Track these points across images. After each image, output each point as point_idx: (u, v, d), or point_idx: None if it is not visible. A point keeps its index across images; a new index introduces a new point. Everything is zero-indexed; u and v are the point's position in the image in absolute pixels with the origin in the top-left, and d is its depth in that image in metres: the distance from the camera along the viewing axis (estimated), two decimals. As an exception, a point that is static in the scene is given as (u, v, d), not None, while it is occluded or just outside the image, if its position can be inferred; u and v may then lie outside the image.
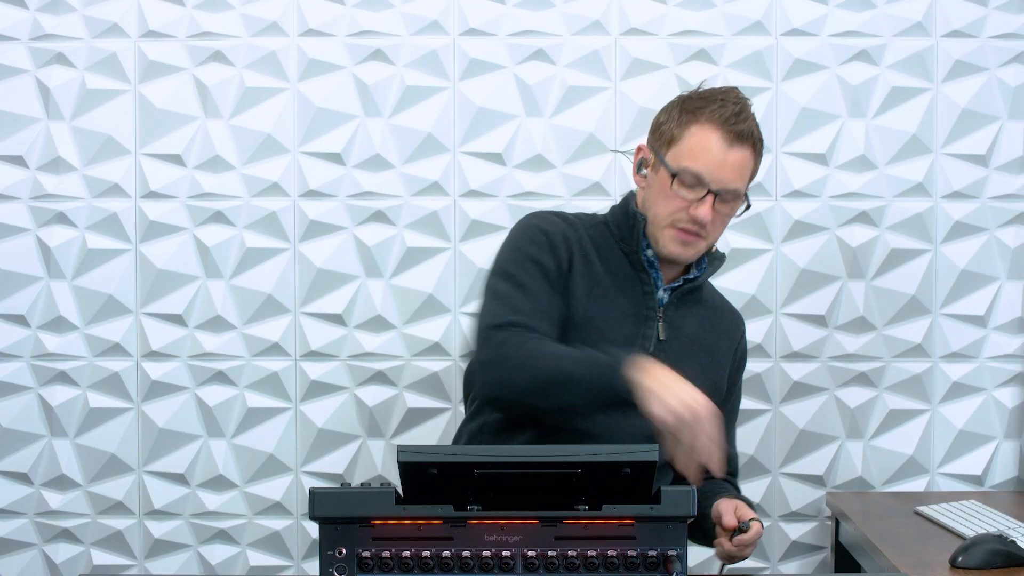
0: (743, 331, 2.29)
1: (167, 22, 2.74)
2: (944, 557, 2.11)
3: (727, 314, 2.26)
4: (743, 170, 2.07)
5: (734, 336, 2.25)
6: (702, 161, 2.04)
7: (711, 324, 2.20)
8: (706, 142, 2.04)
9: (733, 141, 2.05)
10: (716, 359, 2.20)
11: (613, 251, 2.15)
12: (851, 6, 2.74)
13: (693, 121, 2.06)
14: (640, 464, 1.60)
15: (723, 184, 2.04)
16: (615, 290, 2.12)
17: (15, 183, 2.75)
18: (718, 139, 2.04)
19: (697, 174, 2.04)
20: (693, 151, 2.05)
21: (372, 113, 2.74)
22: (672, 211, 2.06)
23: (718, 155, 2.04)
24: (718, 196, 2.04)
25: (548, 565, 1.62)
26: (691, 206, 2.05)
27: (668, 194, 2.06)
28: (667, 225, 2.07)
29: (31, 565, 2.80)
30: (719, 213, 2.07)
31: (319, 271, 2.75)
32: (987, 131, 2.75)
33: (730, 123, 2.05)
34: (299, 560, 2.81)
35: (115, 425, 2.77)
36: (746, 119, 2.06)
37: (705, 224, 2.05)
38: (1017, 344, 2.78)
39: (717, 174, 2.04)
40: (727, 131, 2.04)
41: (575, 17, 2.74)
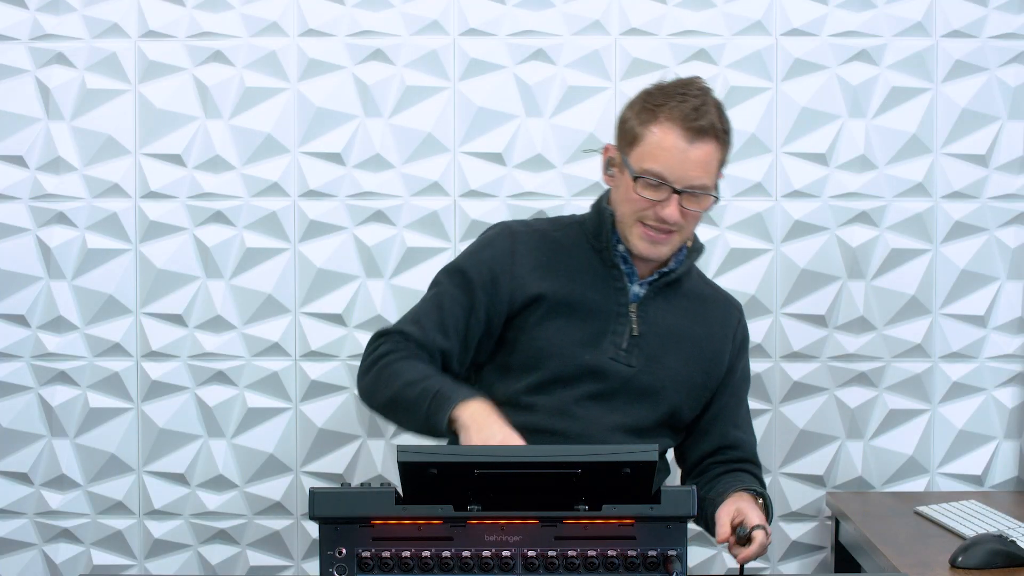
0: (738, 317, 2.25)
1: (167, 22, 2.74)
2: (944, 557, 2.11)
3: (718, 303, 2.24)
4: (707, 165, 2.04)
5: (728, 324, 2.22)
6: (663, 161, 2.02)
7: (697, 315, 2.18)
8: (666, 141, 2.02)
9: (694, 137, 2.02)
10: (705, 349, 2.17)
11: (584, 250, 2.15)
12: (851, 6, 2.74)
13: (653, 120, 2.04)
14: (640, 464, 1.60)
15: (687, 182, 2.02)
16: (584, 287, 2.11)
17: (15, 183, 2.75)
18: (678, 137, 2.02)
19: (659, 174, 2.02)
20: (654, 152, 2.03)
21: (372, 113, 2.74)
22: (637, 210, 2.06)
23: (679, 154, 2.02)
24: (684, 194, 2.03)
25: (548, 565, 1.62)
26: (657, 206, 2.03)
27: (634, 197, 2.05)
28: (634, 223, 2.07)
29: (31, 565, 2.80)
30: (688, 210, 2.05)
31: (319, 271, 2.75)
32: (987, 131, 2.75)
33: (690, 119, 2.02)
34: (299, 560, 2.81)
35: (115, 425, 2.77)
36: (706, 113, 2.03)
37: (675, 223, 2.04)
38: (1017, 344, 2.78)
39: (680, 173, 2.02)
40: (687, 128, 2.02)
41: (575, 17, 2.74)
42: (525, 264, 2.12)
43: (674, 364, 2.13)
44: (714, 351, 2.19)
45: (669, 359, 2.13)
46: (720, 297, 2.27)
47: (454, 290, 2.12)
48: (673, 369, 2.13)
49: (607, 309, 2.11)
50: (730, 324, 2.23)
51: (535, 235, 2.16)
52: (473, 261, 2.14)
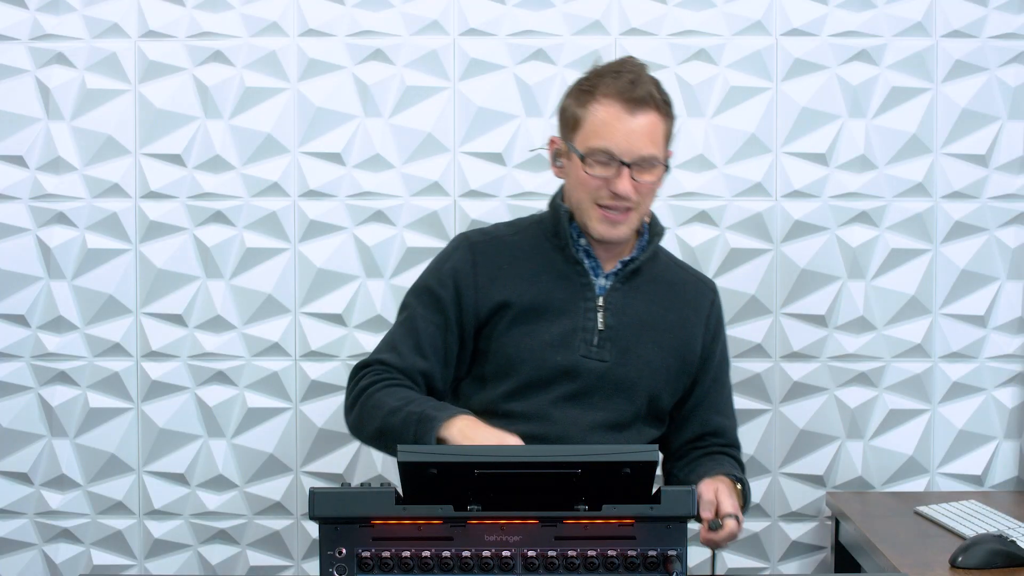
0: (712, 299, 2.25)
1: (167, 22, 2.74)
2: (944, 557, 2.11)
3: (689, 286, 2.23)
4: (652, 135, 2.05)
5: (701, 306, 2.22)
6: (607, 136, 2.04)
7: (668, 300, 2.18)
8: (607, 116, 2.04)
9: (634, 108, 2.04)
10: (678, 334, 2.17)
11: (545, 250, 2.16)
12: (851, 6, 2.74)
13: (591, 99, 2.06)
14: (640, 464, 1.60)
15: (635, 153, 2.03)
16: (549, 288, 2.11)
17: (15, 183, 2.75)
18: (618, 110, 2.04)
19: (605, 150, 2.03)
20: (597, 129, 2.05)
21: (372, 113, 2.74)
22: (591, 192, 2.06)
23: (622, 126, 2.03)
24: (633, 167, 2.04)
25: (548, 565, 1.62)
26: (609, 183, 2.04)
27: (584, 177, 2.06)
28: (591, 206, 2.07)
29: (31, 565, 2.80)
30: (641, 183, 2.05)
31: (319, 271, 2.75)
32: (987, 131, 2.75)
33: (626, 92, 2.04)
34: (299, 560, 2.81)
35: (115, 425, 2.77)
36: (643, 83, 2.05)
37: (629, 197, 2.05)
38: (1017, 344, 2.78)
39: (625, 145, 2.03)
40: (625, 100, 2.04)
41: (575, 17, 2.74)
42: (487, 273, 2.12)
43: (648, 353, 2.13)
44: (687, 336, 2.18)
45: (642, 349, 2.13)
46: (691, 279, 2.25)
47: (424, 310, 2.13)
48: (647, 358, 2.13)
49: (574, 306, 2.11)
50: (703, 307, 2.22)
51: (494, 242, 2.17)
52: (437, 278, 2.15)
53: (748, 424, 2.76)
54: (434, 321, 2.12)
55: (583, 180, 2.06)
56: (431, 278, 2.16)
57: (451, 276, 2.14)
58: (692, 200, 2.74)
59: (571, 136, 2.08)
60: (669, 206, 2.74)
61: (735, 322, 2.75)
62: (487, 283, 2.12)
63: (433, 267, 2.18)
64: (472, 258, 2.14)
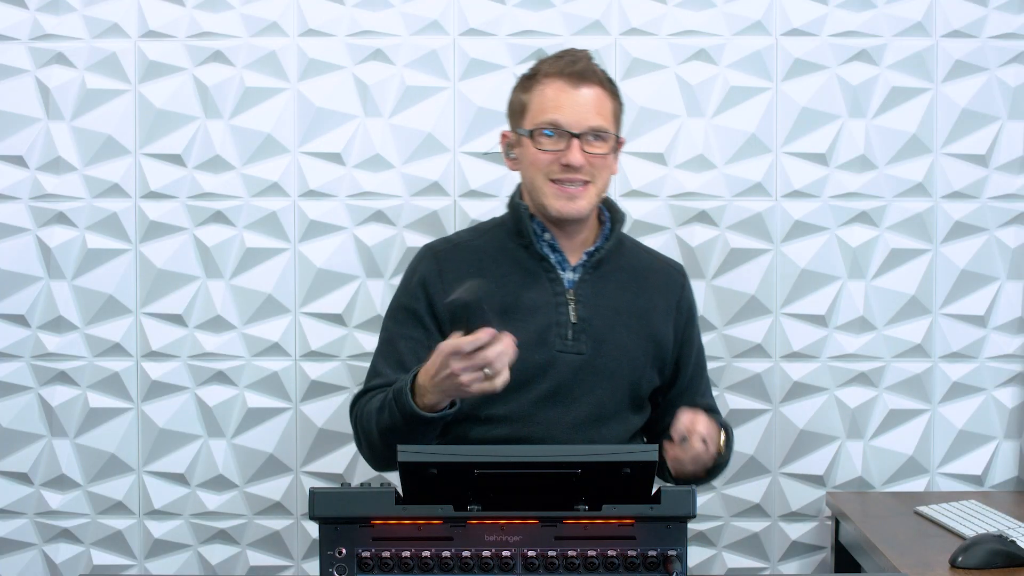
0: (682, 283, 2.27)
1: (167, 22, 2.74)
2: (944, 557, 2.11)
3: (659, 272, 2.25)
4: (599, 107, 2.09)
5: (671, 291, 2.24)
6: (552, 110, 2.07)
7: (637, 287, 2.19)
8: (551, 92, 2.08)
9: (577, 82, 2.08)
10: (651, 320, 2.18)
11: (509, 250, 2.17)
12: (851, 6, 2.74)
13: (534, 83, 2.11)
14: (640, 464, 1.60)
15: (583, 123, 2.06)
16: (517, 287, 2.12)
17: (15, 183, 2.75)
18: (561, 85, 2.08)
19: (552, 122, 2.07)
20: (542, 105, 2.09)
21: (372, 113, 2.74)
22: (543, 168, 2.08)
23: (566, 98, 2.07)
24: (582, 137, 2.06)
25: (548, 565, 1.62)
26: (560, 156, 2.06)
27: (535, 154, 2.09)
28: (544, 183, 2.09)
29: (31, 565, 2.80)
30: (593, 155, 2.08)
31: (319, 271, 2.75)
32: (987, 131, 2.75)
33: (568, 68, 2.09)
34: (299, 560, 2.81)
35: (115, 425, 2.77)
36: (583, 60, 2.10)
37: (582, 167, 2.06)
38: (1017, 344, 2.78)
39: (571, 116, 2.06)
40: (567, 75, 2.08)
41: (575, 17, 2.74)
42: (454, 278, 2.12)
43: (623, 340, 2.14)
44: (660, 320, 2.20)
45: (617, 336, 2.14)
46: (660, 265, 2.27)
47: (401, 328, 2.15)
48: (623, 345, 2.14)
49: (545, 302, 2.12)
50: (673, 292, 2.24)
51: (457, 249, 2.19)
52: (408, 293, 2.18)
53: (748, 424, 2.76)
54: (413, 336, 2.14)
55: (534, 158, 2.09)
56: (402, 295, 2.19)
57: (420, 286, 2.16)
58: (692, 200, 2.74)
59: (520, 122, 2.12)
60: (669, 206, 2.74)
61: (735, 322, 2.75)
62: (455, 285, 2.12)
63: (402, 284, 2.21)
64: (438, 266, 2.17)
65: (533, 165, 2.10)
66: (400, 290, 2.21)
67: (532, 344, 2.09)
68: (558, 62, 2.10)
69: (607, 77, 2.14)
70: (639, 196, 2.74)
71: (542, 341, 2.10)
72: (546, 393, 2.10)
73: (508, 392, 2.07)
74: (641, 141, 2.74)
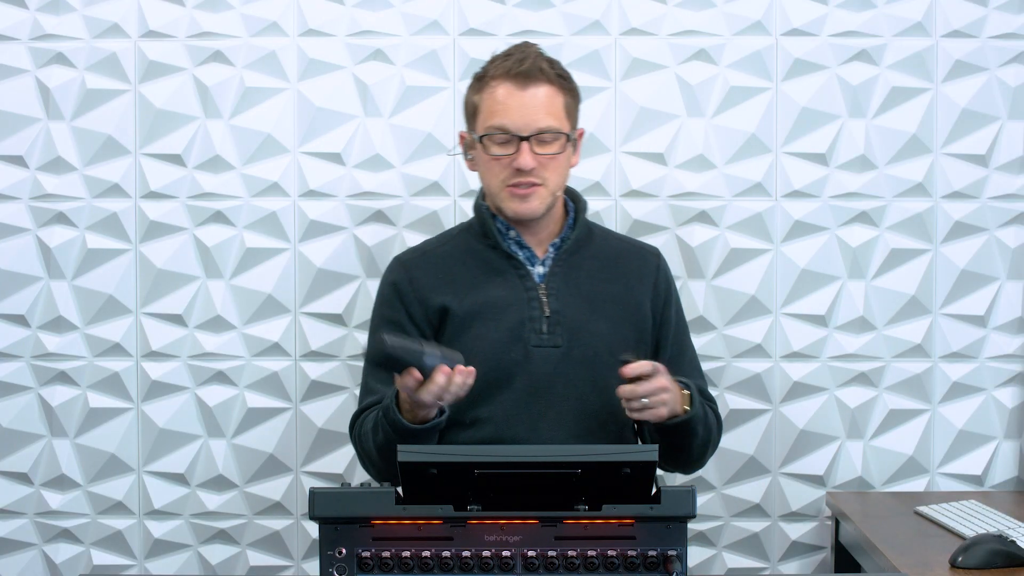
0: (657, 264, 2.26)
1: (167, 22, 2.73)
2: (944, 557, 2.11)
3: (631, 256, 2.24)
4: (549, 106, 2.08)
5: (646, 274, 2.23)
6: (501, 113, 2.07)
7: (610, 273, 2.19)
8: (499, 95, 2.08)
9: (524, 83, 2.07)
10: (627, 304, 2.18)
11: (477, 252, 2.18)
12: (851, 6, 2.74)
13: (483, 85, 2.11)
14: (640, 464, 1.60)
15: (531, 125, 2.06)
16: (487, 288, 2.13)
17: (15, 183, 2.75)
18: (508, 88, 2.08)
19: (500, 126, 2.07)
20: (491, 109, 2.09)
21: (372, 113, 2.74)
22: (499, 174, 2.09)
23: (514, 101, 2.07)
24: (532, 140, 2.06)
25: (548, 565, 1.62)
26: (512, 160, 2.06)
27: (490, 161, 2.09)
28: (500, 188, 2.10)
29: (31, 565, 2.80)
30: (544, 156, 2.07)
31: (319, 271, 2.75)
32: (987, 131, 2.75)
33: (514, 69, 2.08)
34: (299, 560, 2.81)
35: (115, 425, 2.77)
36: (530, 59, 2.09)
37: (532, 170, 2.06)
38: (1017, 344, 2.78)
39: (519, 119, 2.06)
40: (514, 77, 2.07)
41: (575, 17, 2.74)
42: (424, 284, 2.16)
43: (600, 328, 2.14)
44: (636, 304, 2.19)
45: (594, 325, 2.14)
46: (632, 249, 2.26)
47: None
48: (601, 333, 2.14)
49: (517, 299, 2.13)
50: (648, 274, 2.23)
51: (424, 257, 2.21)
52: (385, 305, 2.19)
53: (748, 424, 2.76)
54: None
55: (488, 163, 2.10)
56: (379, 309, 2.21)
57: (395, 296, 2.18)
58: (692, 200, 2.74)
59: (473, 125, 2.13)
60: (669, 206, 2.74)
61: (735, 322, 2.75)
62: (427, 293, 2.16)
63: (377, 300, 2.23)
64: (407, 274, 2.19)
65: (488, 170, 2.11)
66: (376, 305, 2.23)
67: (507, 342, 2.10)
68: (506, 62, 2.10)
69: (557, 72, 2.12)
70: (639, 196, 2.74)
71: (517, 338, 2.11)
72: (527, 389, 2.10)
73: (489, 392, 2.09)
74: (641, 141, 2.74)
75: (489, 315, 2.11)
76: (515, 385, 2.09)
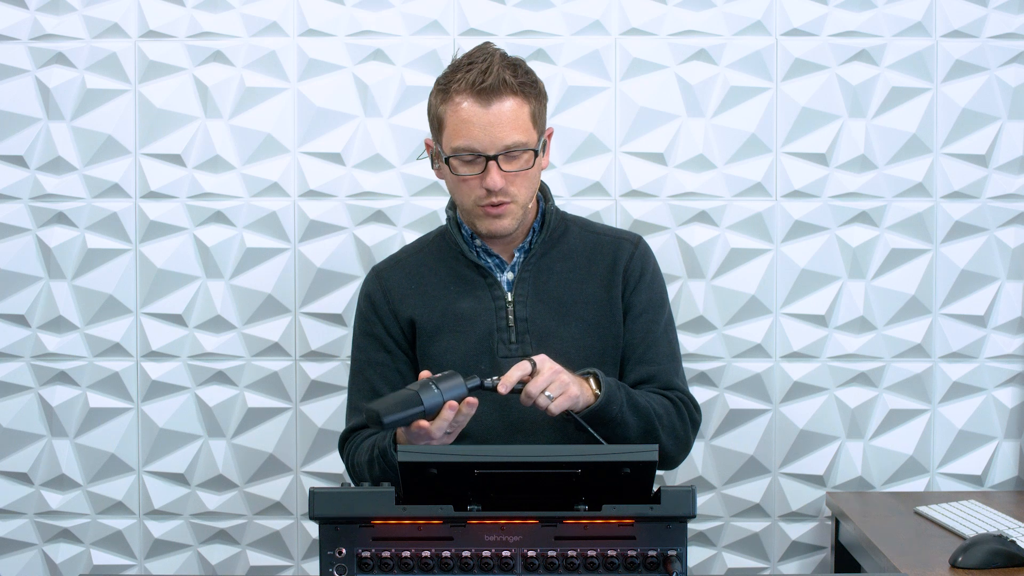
0: (632, 251, 2.16)
1: (167, 22, 2.74)
2: (944, 557, 2.11)
3: (606, 248, 2.17)
4: (515, 121, 2.02)
5: (616, 263, 2.15)
6: (466, 134, 2.02)
7: (585, 271, 2.14)
8: (463, 114, 2.02)
9: (488, 100, 2.01)
10: (601, 303, 2.12)
11: (448, 259, 2.16)
12: (851, 6, 2.74)
13: (447, 98, 2.04)
14: (640, 464, 1.60)
15: (497, 144, 2.01)
16: (455, 298, 2.10)
17: (15, 183, 2.75)
18: (470, 105, 2.01)
19: (468, 147, 2.02)
20: (456, 128, 2.03)
21: (372, 113, 2.74)
22: (470, 193, 2.05)
23: (478, 120, 2.01)
24: (500, 158, 2.01)
25: (548, 565, 1.62)
26: (481, 180, 2.02)
27: (458, 182, 2.05)
28: (472, 207, 2.06)
29: (31, 565, 2.80)
30: (512, 173, 2.03)
31: (319, 271, 2.75)
32: (987, 131, 2.75)
33: (477, 85, 2.01)
34: (299, 560, 2.81)
35: (115, 425, 2.77)
36: (493, 72, 2.01)
37: (500, 189, 2.02)
38: (1017, 344, 2.78)
39: (485, 139, 2.01)
40: (477, 94, 2.01)
41: (575, 17, 2.74)
42: (396, 294, 2.15)
43: (572, 332, 2.10)
44: (610, 300, 2.13)
45: (564, 330, 2.10)
46: (608, 240, 2.18)
47: (366, 354, 2.16)
48: (572, 337, 2.10)
49: (484, 309, 2.11)
50: (620, 261, 2.15)
51: (397, 266, 2.20)
52: (363, 319, 2.18)
53: (748, 424, 2.76)
54: (378, 360, 2.15)
55: (456, 183, 2.06)
56: (359, 321, 2.20)
57: (370, 308, 2.17)
58: (692, 200, 2.74)
59: (439, 138, 2.08)
60: (669, 206, 2.74)
61: (735, 322, 2.75)
62: (398, 305, 2.15)
63: (357, 312, 2.22)
64: (380, 285, 2.18)
65: (457, 189, 2.07)
66: (356, 319, 2.22)
67: (475, 354, 2.08)
68: (468, 75, 2.02)
69: (520, 80, 2.04)
70: (639, 196, 2.74)
71: (485, 349, 2.08)
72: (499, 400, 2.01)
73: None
74: (641, 141, 2.74)
75: (457, 327, 2.10)
76: (487, 397, 2.07)
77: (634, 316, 2.14)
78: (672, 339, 2.19)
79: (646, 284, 2.17)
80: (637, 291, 2.15)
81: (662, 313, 2.18)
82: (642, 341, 2.14)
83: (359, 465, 2.08)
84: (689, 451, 2.16)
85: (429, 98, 2.11)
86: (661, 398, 2.10)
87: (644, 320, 2.15)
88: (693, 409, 2.14)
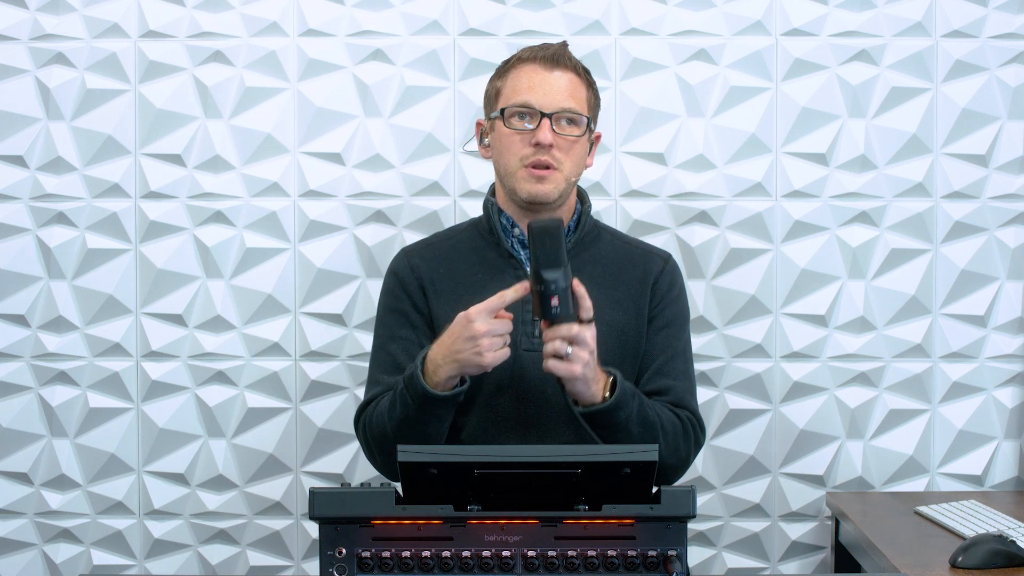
0: (662, 267, 2.19)
1: (167, 22, 2.74)
2: (944, 557, 2.11)
3: (636, 260, 2.19)
4: (573, 91, 2.09)
5: (646, 275, 2.17)
6: (524, 91, 2.08)
7: (613, 278, 2.16)
8: (525, 74, 2.10)
9: (551, 66, 2.09)
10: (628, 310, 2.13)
11: (480, 249, 2.16)
12: (851, 6, 2.74)
13: (509, 69, 2.13)
14: (640, 464, 1.60)
15: (554, 104, 2.06)
16: (485, 288, 2.08)
17: (15, 183, 2.75)
18: (534, 67, 2.09)
19: (524, 102, 2.07)
20: (516, 87, 2.10)
21: (372, 113, 2.75)
22: (517, 152, 2.08)
23: (539, 79, 2.08)
24: (553, 117, 2.06)
25: (548, 565, 1.62)
26: (531, 136, 2.06)
27: (508, 138, 2.08)
28: (517, 168, 2.08)
29: (31, 565, 2.80)
30: (563, 138, 2.07)
31: (319, 271, 2.75)
32: (987, 131, 2.75)
33: (541, 53, 2.10)
34: (299, 560, 2.81)
35: (115, 425, 2.77)
36: (560, 49, 2.11)
37: (550, 147, 2.05)
38: (1017, 344, 2.78)
39: (543, 97, 2.06)
40: (541, 60, 2.09)
41: (575, 17, 2.74)
42: (426, 276, 2.16)
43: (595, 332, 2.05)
44: (637, 309, 2.14)
45: None
46: (639, 253, 2.22)
47: (390, 330, 2.15)
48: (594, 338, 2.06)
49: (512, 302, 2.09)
50: (650, 275, 2.18)
51: (429, 249, 2.21)
52: (390, 295, 2.18)
53: (748, 424, 2.76)
54: (403, 336, 2.14)
55: (506, 140, 2.08)
56: (385, 299, 2.20)
57: (398, 285, 2.17)
58: (692, 200, 2.74)
59: (494, 107, 2.13)
60: (669, 206, 2.74)
61: (735, 322, 2.75)
62: (428, 286, 2.15)
63: (383, 290, 2.22)
64: (409, 264, 2.18)
65: (505, 148, 2.09)
66: (382, 296, 2.22)
67: None
68: (533, 49, 2.12)
69: (584, 68, 2.14)
70: (639, 196, 2.74)
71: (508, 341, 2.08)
72: (517, 395, 2.05)
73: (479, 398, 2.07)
74: (641, 141, 2.74)
75: None
76: (505, 390, 2.07)
77: (656, 328, 2.16)
78: (689, 358, 2.22)
79: (672, 299, 2.20)
80: (663, 305, 2.18)
81: (684, 331, 2.21)
82: (662, 353, 2.16)
83: (378, 416, 2.05)
84: (687, 469, 2.17)
85: (487, 86, 2.18)
86: (672, 416, 2.11)
87: (666, 334, 2.17)
88: (700, 431, 2.16)
